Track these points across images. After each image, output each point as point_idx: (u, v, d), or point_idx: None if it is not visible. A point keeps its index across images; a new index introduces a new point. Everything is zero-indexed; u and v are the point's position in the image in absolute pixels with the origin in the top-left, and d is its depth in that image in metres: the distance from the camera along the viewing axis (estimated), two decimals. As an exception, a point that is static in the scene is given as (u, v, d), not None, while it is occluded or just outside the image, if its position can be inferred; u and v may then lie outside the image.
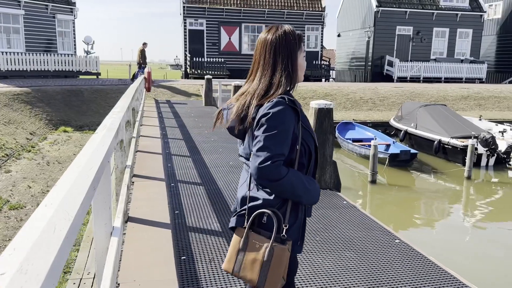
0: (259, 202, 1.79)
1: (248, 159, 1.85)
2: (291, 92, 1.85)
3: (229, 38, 25.17)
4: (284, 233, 1.76)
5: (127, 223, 4.17)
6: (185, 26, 24.70)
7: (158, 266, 3.35)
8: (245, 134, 1.84)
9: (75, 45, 23.73)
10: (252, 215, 1.78)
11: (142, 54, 18.71)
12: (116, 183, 4.29)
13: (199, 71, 23.84)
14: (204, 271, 3.28)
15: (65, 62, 21.65)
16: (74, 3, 23.07)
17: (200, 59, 24.24)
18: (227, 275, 3.22)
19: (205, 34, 24.86)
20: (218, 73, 23.52)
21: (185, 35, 24.80)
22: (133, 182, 5.48)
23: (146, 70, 16.20)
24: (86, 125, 14.47)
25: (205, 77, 15.68)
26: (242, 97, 1.84)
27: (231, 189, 5.40)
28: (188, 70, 24.60)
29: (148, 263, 3.40)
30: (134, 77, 18.93)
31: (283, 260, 1.73)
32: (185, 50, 24.92)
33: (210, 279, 3.16)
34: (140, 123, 9.93)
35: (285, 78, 1.80)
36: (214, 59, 24.37)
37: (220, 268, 3.33)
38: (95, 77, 22.57)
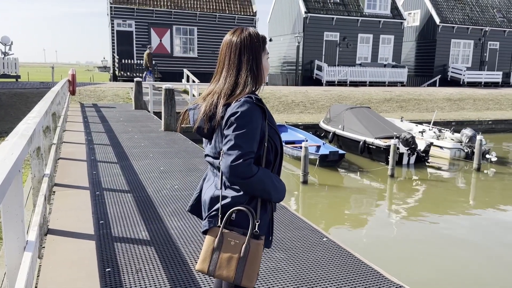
0: (229, 200, 1.82)
1: (215, 158, 1.88)
2: (256, 92, 1.91)
3: (160, 40, 24.64)
4: (256, 229, 1.82)
5: (46, 235, 3.90)
6: (112, 27, 23.81)
7: (81, 279, 3.17)
8: (213, 134, 1.88)
9: (-10, 45, 22.01)
10: (227, 214, 1.81)
11: (149, 57, 19.70)
12: (33, 193, 4.00)
13: (128, 73, 23.08)
14: (130, 282, 3.15)
15: (-22, 63, 19.99)
16: (-12, 0, 21.39)
17: (129, 61, 23.48)
18: (155, 285, 3.11)
19: (134, 36, 24.13)
20: (149, 76, 22.91)
21: (112, 36, 23.90)
22: (54, 192, 5.15)
23: (70, 72, 15.38)
24: (5, 131, 13.43)
25: (135, 79, 15.20)
26: (209, 96, 1.88)
27: (161, 195, 5.26)
28: (116, 72, 23.72)
29: (69, 277, 3.20)
30: (144, 80, 19.82)
31: (259, 255, 1.80)
32: (113, 52, 24.02)
33: (137, 290, 3.03)
34: (63, 129, 9.39)
35: (251, 78, 1.86)
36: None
37: (148, 278, 3.22)
38: (14, 80, 21.04)
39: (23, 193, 2.64)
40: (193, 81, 19.05)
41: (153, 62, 21.28)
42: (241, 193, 1.82)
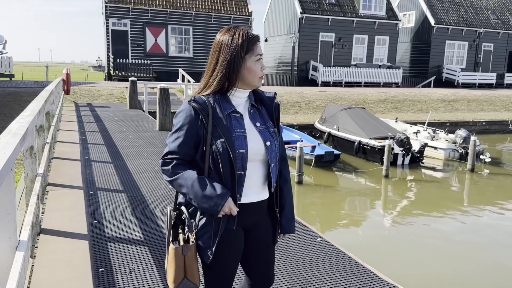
0: (179, 199, 1.88)
1: None
2: (229, 94, 1.81)
3: (155, 40, 24.60)
4: (193, 236, 1.76)
5: (39, 235, 3.88)
6: (107, 26, 23.74)
7: (74, 279, 3.15)
8: None
9: (-16, 44, 21.88)
10: (168, 212, 1.85)
11: None
12: (26, 193, 3.97)
13: (123, 73, 23.02)
14: (124, 282, 3.13)
15: (-28, 62, 19.86)
16: (-18, -2, 21.28)
17: (124, 61, 23.41)
18: (148, 285, 3.10)
19: (129, 35, 24.07)
20: (144, 75, 22.88)
21: (107, 36, 23.83)
22: (47, 191, 5.12)
23: (64, 71, 15.31)
24: (-3, 130, 13.37)
25: (130, 79, 15.16)
26: None
27: (155, 195, 5.24)
28: (111, 72, 23.66)
29: (62, 277, 3.18)
30: None
31: (174, 260, 1.73)
32: (108, 51, 23.95)
33: (130, 290, 3.02)
34: (57, 128, 9.35)
35: (219, 79, 1.77)
36: (140, 61, 23.68)
37: (141, 278, 3.21)
38: (7, 79, 20.94)
39: (15, 192, 2.62)
40: (189, 81, 19.01)
41: None
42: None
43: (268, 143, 1.82)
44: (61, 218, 4.31)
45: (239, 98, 1.84)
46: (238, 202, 1.77)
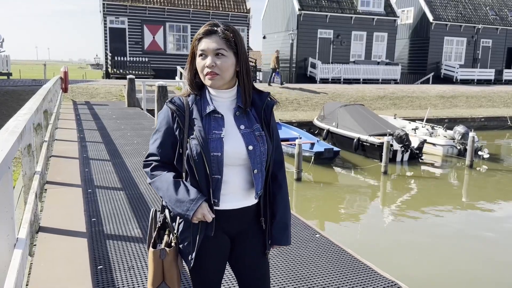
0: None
1: None
2: (208, 94, 1.73)
3: (153, 37, 24.53)
4: (174, 240, 1.72)
5: (38, 233, 3.87)
6: (105, 24, 23.67)
7: (73, 277, 3.15)
8: None
9: (-19, 42, 21.80)
10: (151, 214, 1.83)
11: (277, 60, 21.47)
12: (24, 191, 3.96)
13: (121, 70, 22.96)
14: (122, 279, 3.14)
15: (-31, 60, 19.79)
16: (-21, -4, 21.19)
17: (122, 59, 23.35)
18: (147, 282, 3.10)
19: (127, 33, 24.00)
20: (142, 73, 22.81)
21: (105, 34, 23.76)
22: (45, 189, 5.12)
23: (62, 70, 15.27)
24: (-5, 129, 13.33)
25: (128, 77, 15.13)
26: None
27: (153, 192, 5.24)
28: (109, 69, 23.60)
29: (61, 275, 3.18)
30: (271, 80, 21.71)
31: (152, 263, 1.70)
32: (106, 49, 23.88)
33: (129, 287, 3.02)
34: (55, 126, 9.33)
35: (188, 79, 1.74)
36: (138, 59, 23.61)
37: (140, 275, 3.21)
38: (5, 77, 20.85)
39: (13, 190, 2.61)
40: (187, 79, 18.94)
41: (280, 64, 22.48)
42: None
43: (250, 148, 1.69)
44: (60, 216, 4.31)
45: (222, 98, 1.74)
46: (216, 207, 1.69)
